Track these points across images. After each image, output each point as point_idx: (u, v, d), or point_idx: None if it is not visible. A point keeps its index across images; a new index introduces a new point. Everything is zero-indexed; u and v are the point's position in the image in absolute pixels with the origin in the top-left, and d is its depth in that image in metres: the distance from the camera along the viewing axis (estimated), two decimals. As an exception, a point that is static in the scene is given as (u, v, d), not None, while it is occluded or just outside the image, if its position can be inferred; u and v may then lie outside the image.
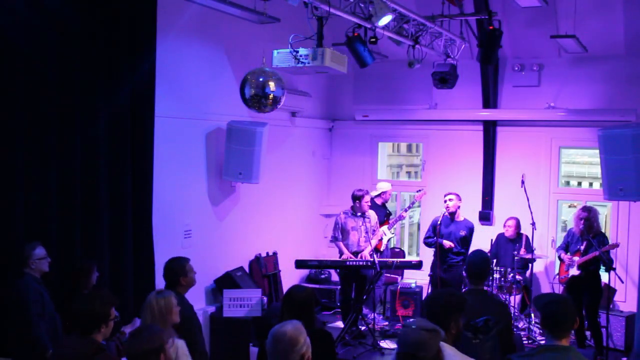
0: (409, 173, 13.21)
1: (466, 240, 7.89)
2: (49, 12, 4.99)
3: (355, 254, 7.98)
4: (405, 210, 8.76)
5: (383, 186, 8.86)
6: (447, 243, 7.84)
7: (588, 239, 7.14)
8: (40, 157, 5.02)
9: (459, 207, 7.95)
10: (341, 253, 8.03)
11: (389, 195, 8.86)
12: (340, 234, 8.06)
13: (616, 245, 7.34)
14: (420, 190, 8.91)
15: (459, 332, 3.61)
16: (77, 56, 5.29)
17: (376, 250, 8.13)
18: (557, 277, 7.68)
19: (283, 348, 2.98)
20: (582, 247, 7.22)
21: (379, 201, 8.70)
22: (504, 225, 8.35)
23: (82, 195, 5.38)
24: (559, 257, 7.57)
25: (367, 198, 7.94)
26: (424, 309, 3.60)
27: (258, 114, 6.54)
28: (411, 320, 3.19)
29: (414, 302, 8.64)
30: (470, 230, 7.92)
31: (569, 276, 7.31)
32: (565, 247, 7.54)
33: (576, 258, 7.25)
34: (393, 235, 8.76)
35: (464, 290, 8.09)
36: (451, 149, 9.48)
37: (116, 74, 5.66)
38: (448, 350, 3.35)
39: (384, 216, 8.62)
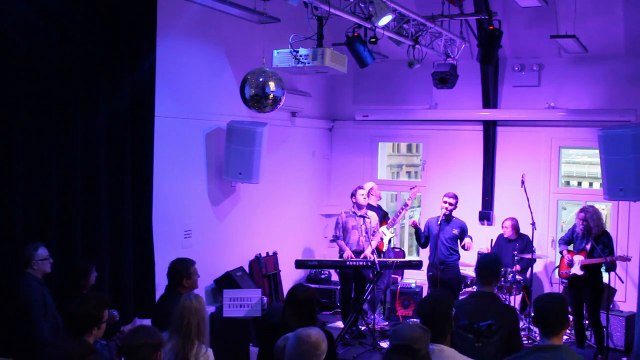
0: (409, 173, 13.22)
1: (459, 239, 7.88)
2: (49, 12, 4.99)
3: (355, 253, 7.98)
4: (402, 209, 8.72)
5: (367, 186, 8.58)
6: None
7: (592, 241, 7.13)
8: (40, 157, 5.01)
9: (455, 208, 7.94)
10: (342, 252, 8.02)
11: (374, 191, 8.64)
12: (342, 232, 8.06)
13: (627, 259, 7.31)
14: (413, 188, 8.87)
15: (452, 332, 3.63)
16: (77, 56, 5.28)
17: (378, 251, 8.14)
18: (557, 270, 7.66)
19: (306, 350, 3.03)
20: (588, 247, 7.21)
21: (373, 201, 8.66)
22: (502, 226, 8.34)
23: (82, 195, 5.38)
24: (560, 252, 7.56)
25: (360, 192, 7.94)
26: (418, 315, 3.58)
27: (258, 114, 6.54)
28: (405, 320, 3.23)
29: (414, 302, 8.64)
30: (462, 228, 7.91)
31: (571, 274, 7.31)
32: (569, 241, 7.52)
33: (581, 257, 7.24)
34: (393, 234, 8.75)
35: (466, 290, 8.14)
36: (451, 149, 9.48)
37: (116, 74, 5.66)
38: (447, 352, 3.37)
39: (381, 217, 8.60)
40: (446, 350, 3.37)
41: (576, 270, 7.25)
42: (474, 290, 7.90)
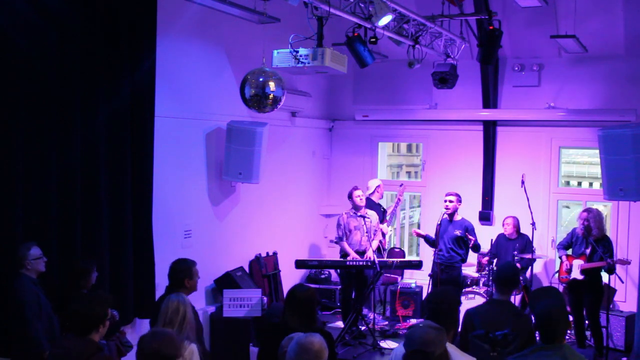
0: (409, 173, 13.23)
1: (462, 240, 7.85)
2: (49, 12, 4.99)
3: (357, 253, 7.97)
4: (396, 205, 8.81)
5: (374, 183, 8.83)
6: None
7: (592, 244, 7.12)
8: (40, 157, 5.02)
9: (458, 207, 7.93)
10: (347, 254, 8.00)
11: (382, 189, 8.88)
12: (345, 234, 8.05)
13: (627, 262, 7.30)
14: (401, 186, 8.89)
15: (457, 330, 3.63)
16: (77, 56, 5.29)
17: (383, 248, 8.17)
18: (557, 275, 7.67)
19: (308, 358, 3.00)
20: (588, 251, 7.20)
21: (376, 198, 8.71)
22: (503, 224, 8.34)
23: (82, 195, 5.38)
24: (560, 257, 7.56)
25: (356, 193, 7.96)
26: (425, 308, 3.59)
27: (258, 114, 6.54)
28: (417, 322, 3.23)
29: (414, 302, 8.64)
30: (467, 229, 7.86)
31: (571, 278, 7.30)
32: (567, 245, 7.52)
33: (580, 261, 7.23)
34: (392, 232, 8.78)
35: (466, 291, 8.13)
36: (451, 149, 9.48)
37: (116, 74, 5.66)
38: (450, 349, 3.37)
39: (380, 214, 8.62)
40: (450, 347, 3.37)
41: (576, 274, 7.25)
42: (474, 289, 7.95)
